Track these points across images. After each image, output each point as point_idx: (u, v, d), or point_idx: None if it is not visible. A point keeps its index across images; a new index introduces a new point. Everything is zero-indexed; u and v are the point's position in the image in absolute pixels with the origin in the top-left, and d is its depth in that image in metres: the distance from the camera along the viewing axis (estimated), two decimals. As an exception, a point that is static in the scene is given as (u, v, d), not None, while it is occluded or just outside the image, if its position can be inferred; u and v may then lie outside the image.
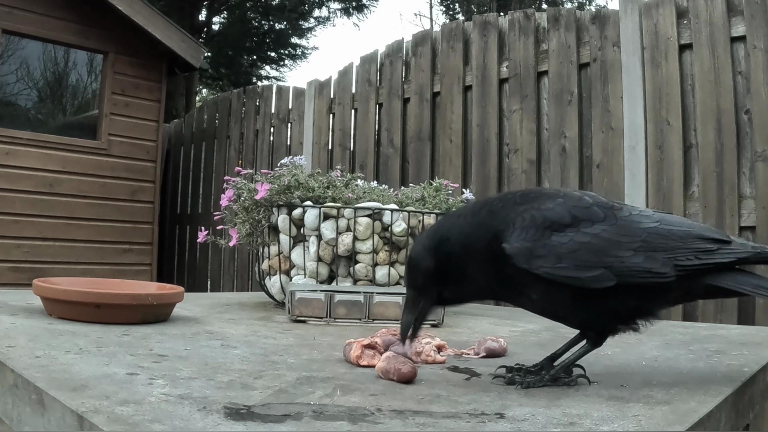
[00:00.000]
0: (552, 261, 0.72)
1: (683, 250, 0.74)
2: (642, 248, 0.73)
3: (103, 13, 4.77)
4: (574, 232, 0.73)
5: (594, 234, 0.73)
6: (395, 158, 3.67)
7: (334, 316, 1.28)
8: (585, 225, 0.74)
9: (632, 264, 0.72)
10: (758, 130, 2.38)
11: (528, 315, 1.66)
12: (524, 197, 0.79)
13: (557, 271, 0.72)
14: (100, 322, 1.08)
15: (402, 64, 3.72)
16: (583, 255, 0.72)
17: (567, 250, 0.72)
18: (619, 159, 2.74)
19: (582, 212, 0.75)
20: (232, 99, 5.17)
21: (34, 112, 5.15)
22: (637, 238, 0.74)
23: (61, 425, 0.58)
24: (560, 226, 0.74)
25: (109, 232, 4.97)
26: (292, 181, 1.53)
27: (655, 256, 0.73)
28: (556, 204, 0.76)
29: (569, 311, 0.76)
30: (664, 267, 0.73)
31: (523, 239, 0.73)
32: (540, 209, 0.75)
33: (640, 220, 0.76)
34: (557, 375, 0.76)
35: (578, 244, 0.73)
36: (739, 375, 0.84)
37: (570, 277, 0.71)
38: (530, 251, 0.73)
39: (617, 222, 0.75)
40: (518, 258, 0.73)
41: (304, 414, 0.60)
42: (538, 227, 0.73)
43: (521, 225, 0.74)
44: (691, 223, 0.79)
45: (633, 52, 2.72)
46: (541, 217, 0.74)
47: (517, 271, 0.73)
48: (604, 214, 0.75)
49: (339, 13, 13.87)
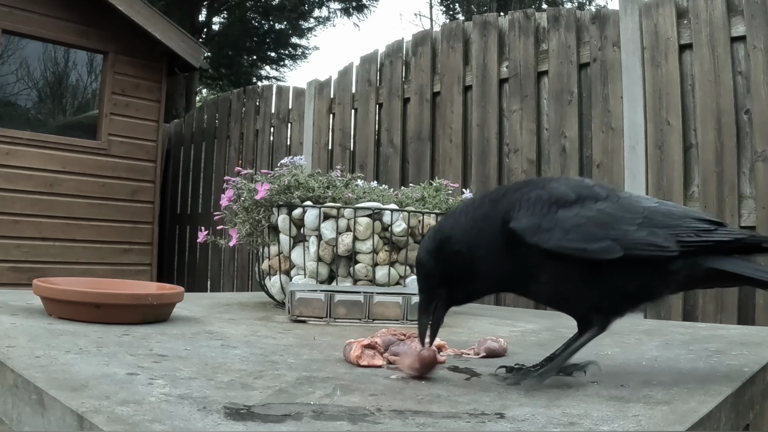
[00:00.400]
0: (560, 234, 0.73)
1: (683, 228, 0.76)
2: (644, 224, 0.75)
3: (103, 13, 4.77)
4: (579, 207, 0.75)
5: (598, 209, 0.75)
6: (395, 158, 3.67)
7: (334, 316, 1.28)
8: (589, 202, 0.76)
9: (637, 237, 0.74)
10: (758, 130, 2.38)
11: (528, 315, 1.66)
12: (527, 183, 0.81)
13: (565, 242, 0.73)
14: (100, 322, 1.08)
15: (402, 64, 3.72)
16: (589, 227, 0.74)
17: (573, 224, 0.73)
18: (619, 159, 2.74)
19: (585, 191, 0.77)
20: (232, 99, 5.17)
21: (34, 112, 5.15)
22: (639, 214, 0.76)
23: (61, 425, 0.58)
24: (565, 202, 0.75)
25: (109, 232, 4.97)
26: (292, 181, 1.53)
27: (657, 231, 0.75)
28: (560, 183, 0.78)
29: (578, 291, 0.76)
30: (666, 242, 0.74)
31: (531, 215, 0.74)
32: (545, 188, 0.77)
33: (640, 200, 0.79)
34: (563, 364, 0.76)
35: (584, 218, 0.74)
36: (739, 375, 0.84)
37: (579, 248, 0.73)
38: (538, 225, 0.73)
39: (619, 201, 0.77)
40: (526, 233, 0.73)
41: (304, 414, 0.60)
42: (544, 203, 0.75)
43: (527, 203, 0.75)
44: (687, 208, 0.82)
45: (633, 52, 2.72)
46: (546, 194, 0.76)
47: (527, 251, 0.74)
48: (606, 193, 0.77)
49: (339, 13, 13.88)
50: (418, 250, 0.81)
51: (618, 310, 0.78)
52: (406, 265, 1.53)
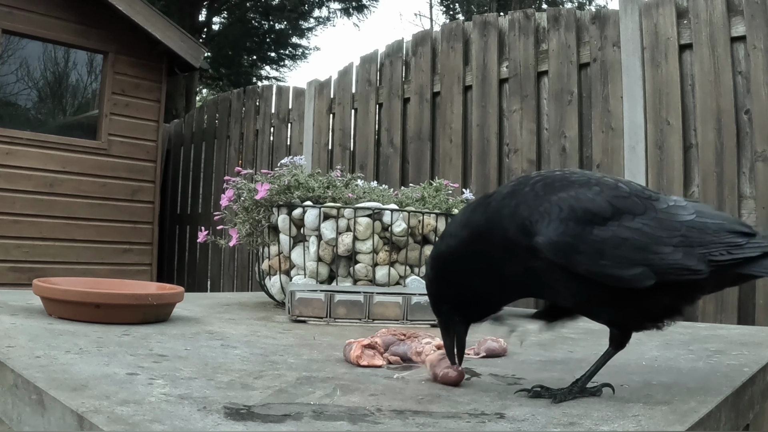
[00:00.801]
0: (594, 258, 0.66)
1: (717, 245, 0.70)
2: (681, 243, 0.69)
3: (103, 13, 4.77)
4: (616, 225, 0.68)
5: (636, 229, 0.68)
6: (395, 158, 3.67)
7: (334, 316, 1.28)
8: (626, 218, 0.68)
9: (672, 261, 0.68)
10: (758, 130, 2.38)
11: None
12: (547, 186, 0.72)
13: (599, 269, 0.66)
14: (100, 322, 1.08)
15: (402, 64, 3.72)
16: (625, 252, 0.67)
17: (609, 246, 0.67)
18: (619, 159, 2.74)
19: (622, 203, 0.69)
20: (232, 99, 5.17)
21: (34, 112, 5.15)
22: (677, 233, 0.69)
23: (61, 425, 0.58)
24: (602, 219, 0.68)
25: (109, 232, 4.97)
26: (292, 181, 1.53)
27: (692, 251, 0.69)
28: (595, 194, 0.70)
29: (602, 309, 0.72)
30: (699, 264, 0.69)
31: (562, 233, 0.67)
32: (579, 199, 0.69)
33: (677, 212, 0.71)
34: (584, 385, 0.71)
35: (621, 240, 0.67)
36: (739, 375, 0.84)
37: (611, 276, 0.66)
38: (571, 246, 0.66)
39: (657, 215, 0.70)
40: (555, 253, 0.66)
41: (304, 414, 0.60)
42: (578, 220, 0.67)
43: (558, 216, 0.68)
44: (722, 216, 0.75)
45: (633, 52, 2.72)
46: (582, 208, 0.68)
47: (549, 267, 0.68)
48: (644, 206, 0.70)
49: (339, 13, 13.87)
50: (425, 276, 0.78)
51: (640, 328, 0.74)
52: (406, 265, 1.53)
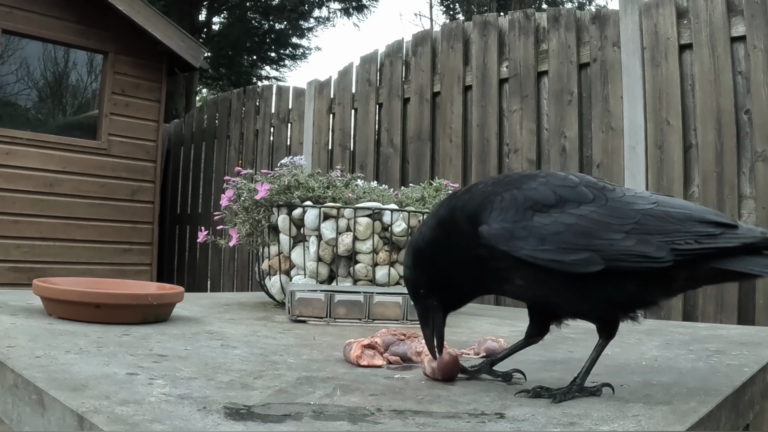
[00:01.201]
0: (533, 243, 0.67)
1: (682, 234, 0.68)
2: (635, 231, 0.68)
3: (103, 13, 4.77)
4: (559, 212, 0.68)
5: (581, 215, 0.68)
6: (395, 158, 3.67)
7: (334, 316, 1.28)
8: (571, 206, 0.69)
9: (623, 248, 0.67)
10: (758, 130, 2.38)
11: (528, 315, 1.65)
12: (502, 180, 0.74)
13: (539, 253, 0.67)
14: (100, 322, 1.08)
15: (402, 64, 3.72)
16: (567, 237, 0.67)
17: (550, 232, 0.67)
18: (619, 159, 2.74)
19: (568, 192, 0.70)
20: (232, 99, 5.17)
21: (34, 112, 5.15)
22: (630, 220, 0.68)
23: (61, 425, 0.58)
24: (543, 206, 0.69)
25: (109, 232, 4.97)
26: (292, 181, 1.53)
27: (649, 239, 0.68)
28: (539, 183, 0.71)
29: (561, 298, 0.71)
30: (659, 251, 0.67)
31: (502, 220, 0.68)
32: (521, 188, 0.71)
33: (634, 201, 0.71)
34: (582, 384, 0.71)
35: (563, 225, 0.68)
36: (739, 375, 0.84)
37: (552, 260, 0.66)
38: (510, 232, 0.68)
39: (607, 203, 0.70)
40: (497, 240, 0.68)
41: (304, 414, 0.60)
42: (518, 207, 0.69)
43: (500, 205, 0.69)
44: (692, 206, 0.73)
45: (633, 52, 2.72)
46: (522, 196, 0.70)
47: (498, 255, 0.69)
48: (593, 195, 0.70)
49: (339, 14, 13.88)
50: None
51: (613, 318, 0.73)
52: (406, 265, 1.53)
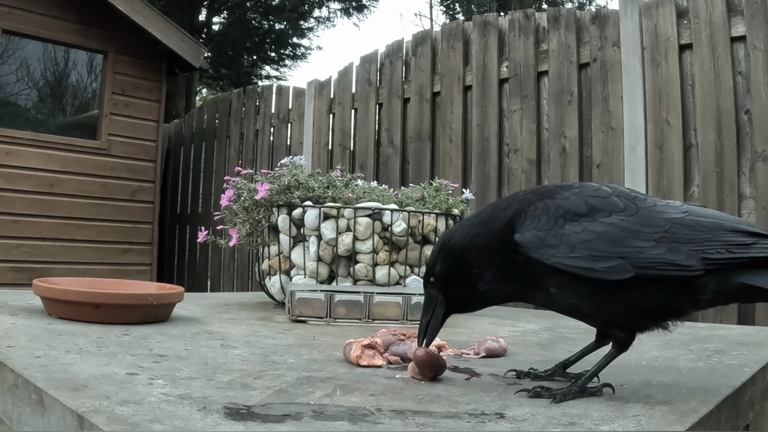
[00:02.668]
0: (564, 250, 0.69)
1: (713, 243, 0.69)
2: (665, 239, 0.69)
3: (103, 13, 4.77)
4: (590, 221, 0.70)
5: (611, 223, 0.70)
6: (395, 158, 3.67)
7: (334, 316, 1.28)
8: (602, 215, 0.71)
9: (652, 255, 0.68)
10: (758, 130, 2.38)
11: (528, 315, 1.66)
12: (534, 192, 0.77)
13: (569, 261, 0.68)
14: (100, 322, 1.08)
15: (402, 64, 3.72)
16: (597, 244, 0.69)
17: (580, 240, 0.69)
18: (619, 159, 2.74)
19: (599, 202, 0.72)
20: (232, 99, 5.17)
21: (34, 112, 5.15)
22: (659, 229, 0.70)
23: (61, 425, 0.58)
24: (574, 215, 0.71)
25: (109, 232, 4.97)
26: (292, 181, 1.53)
27: (680, 247, 0.68)
28: (572, 194, 0.73)
29: (592, 306, 0.72)
30: (689, 259, 0.68)
31: (534, 228, 0.71)
32: (554, 198, 0.73)
33: (665, 210, 0.72)
34: (584, 385, 0.71)
35: (593, 233, 0.69)
36: (739, 375, 0.84)
37: (582, 267, 0.68)
38: (541, 240, 0.70)
39: (638, 212, 0.71)
40: (529, 247, 0.70)
41: (304, 414, 0.60)
42: (550, 216, 0.71)
43: (533, 214, 0.72)
44: (724, 216, 0.74)
45: (633, 52, 2.72)
46: (554, 205, 0.72)
47: (530, 263, 0.71)
48: (623, 205, 0.72)
49: (339, 13, 13.88)
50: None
51: (639, 327, 0.73)
52: (406, 265, 1.53)
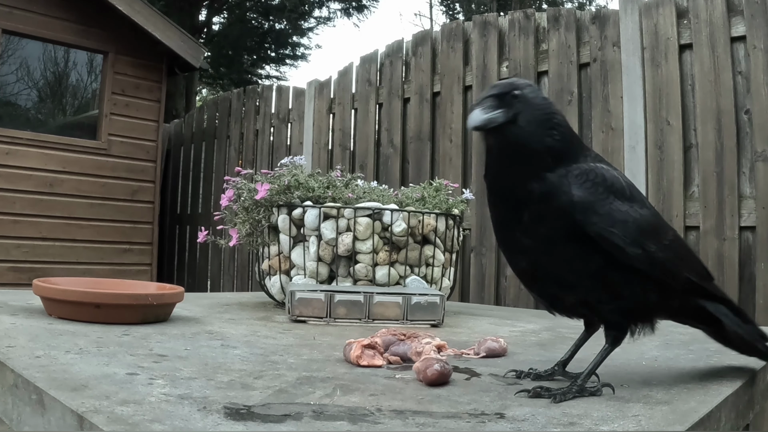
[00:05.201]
0: (606, 222, 0.71)
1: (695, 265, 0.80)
2: (667, 251, 0.75)
3: (103, 13, 4.77)
4: (629, 206, 0.73)
5: (642, 214, 0.74)
6: (395, 158, 3.67)
7: (334, 316, 1.28)
8: (636, 204, 0.75)
9: (663, 257, 0.74)
10: (758, 130, 2.38)
11: (528, 315, 1.65)
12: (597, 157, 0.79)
13: (608, 234, 0.70)
14: (100, 322, 1.08)
15: (402, 64, 3.72)
16: (630, 228, 0.72)
17: (621, 219, 0.72)
18: (619, 159, 2.74)
19: (635, 192, 0.76)
20: (232, 99, 5.17)
21: (34, 112, 5.15)
22: (671, 233, 0.78)
23: (61, 425, 0.58)
24: (621, 195, 0.74)
25: (109, 232, 4.97)
26: (292, 181, 1.53)
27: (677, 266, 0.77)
28: (614, 172, 0.76)
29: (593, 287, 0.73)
30: (681, 272, 0.77)
31: (588, 191, 0.71)
32: (609, 170, 0.75)
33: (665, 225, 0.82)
34: (584, 384, 0.71)
35: (632, 217, 0.73)
36: (739, 375, 0.84)
37: (618, 245, 0.70)
38: (592, 205, 0.71)
39: (652, 211, 0.78)
40: (577, 207, 0.71)
41: (304, 414, 0.60)
42: (607, 188, 0.73)
43: (592, 179, 0.73)
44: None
45: (633, 52, 2.72)
46: (611, 177, 0.74)
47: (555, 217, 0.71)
48: (642, 198, 0.77)
49: (339, 13, 13.87)
50: None
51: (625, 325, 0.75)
52: (406, 265, 1.53)
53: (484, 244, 3.12)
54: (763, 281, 2.30)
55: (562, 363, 0.81)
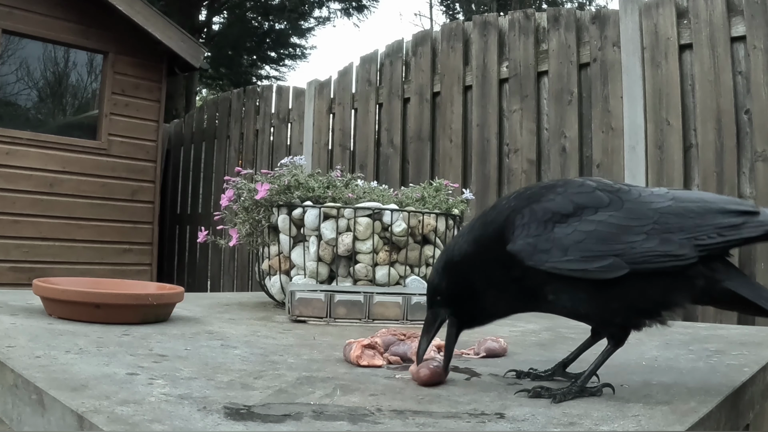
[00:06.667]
0: (557, 255, 0.68)
1: (704, 228, 0.68)
2: (655, 231, 0.68)
3: (103, 13, 4.77)
4: (578, 221, 0.69)
5: (599, 221, 0.69)
6: (395, 158, 3.67)
7: (334, 316, 1.28)
8: (588, 212, 0.69)
9: (646, 249, 0.67)
10: (758, 130, 2.38)
11: (528, 315, 1.66)
12: (519, 197, 0.75)
13: (563, 264, 0.67)
14: (100, 322, 1.08)
15: (402, 64, 3.72)
16: (589, 245, 0.67)
17: (572, 241, 0.68)
18: (619, 159, 2.74)
19: (584, 199, 0.71)
20: (232, 99, 5.17)
21: (34, 112, 5.15)
22: (648, 221, 0.69)
23: (61, 425, 0.58)
24: (562, 216, 0.70)
25: (109, 232, 4.97)
26: (292, 181, 1.53)
27: (671, 237, 0.68)
28: (556, 194, 0.72)
29: (589, 308, 0.71)
30: (682, 248, 0.67)
31: (525, 235, 0.69)
32: (540, 201, 0.71)
33: (651, 201, 0.71)
34: (584, 385, 0.71)
35: (583, 233, 0.68)
36: (739, 375, 0.84)
37: (577, 269, 0.67)
38: (534, 247, 0.68)
39: (624, 206, 0.70)
40: (522, 256, 0.69)
41: (304, 414, 0.60)
42: (539, 221, 0.70)
43: (521, 222, 0.70)
44: (711, 197, 0.72)
45: (633, 52, 2.72)
46: (541, 209, 0.70)
47: (527, 272, 0.70)
48: (608, 199, 0.71)
49: (339, 13, 13.88)
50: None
51: (635, 325, 0.72)
52: (406, 265, 1.53)
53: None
54: (763, 281, 2.30)
55: (562, 363, 0.80)
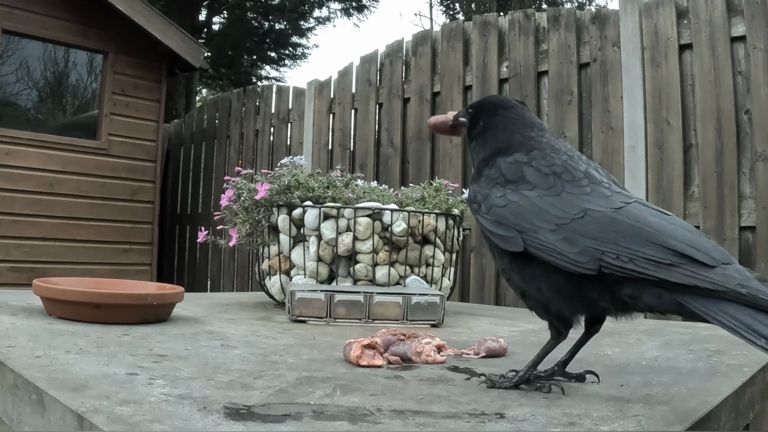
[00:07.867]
0: (483, 210, 0.75)
1: (621, 248, 0.64)
2: (570, 228, 0.67)
3: (103, 13, 4.77)
4: (511, 190, 0.74)
5: (526, 197, 0.73)
6: (395, 158, 3.67)
7: (334, 316, 1.28)
8: (525, 187, 0.73)
9: (545, 239, 0.68)
10: (758, 130, 2.38)
11: (528, 315, 1.66)
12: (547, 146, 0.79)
13: (483, 220, 0.75)
14: (100, 322, 1.08)
15: (402, 64, 3.72)
16: (504, 212, 0.73)
17: (494, 204, 0.74)
18: (619, 159, 2.74)
19: (532, 174, 0.74)
20: (232, 99, 5.17)
21: (34, 112, 5.15)
22: (568, 215, 0.68)
23: (61, 425, 0.58)
24: (506, 181, 0.75)
25: (109, 232, 4.97)
26: (292, 181, 1.53)
27: (578, 240, 0.66)
28: (523, 160, 0.76)
29: (512, 273, 0.75)
30: (582, 255, 0.65)
31: (476, 184, 0.78)
32: (504, 157, 0.78)
33: (589, 200, 0.69)
34: (524, 377, 0.75)
35: (506, 200, 0.74)
36: (739, 375, 0.84)
37: (487, 228, 0.74)
38: (474, 196, 0.77)
39: (560, 194, 0.70)
40: (468, 199, 0.79)
41: (304, 414, 0.60)
42: (490, 178, 0.77)
43: (486, 171, 0.78)
44: (668, 229, 0.65)
45: (633, 52, 2.72)
46: (496, 169, 0.77)
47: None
48: (552, 183, 0.72)
49: (339, 13, 13.86)
50: None
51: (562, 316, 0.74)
52: (406, 265, 1.53)
53: (484, 244, 3.11)
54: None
55: (561, 363, 0.81)
